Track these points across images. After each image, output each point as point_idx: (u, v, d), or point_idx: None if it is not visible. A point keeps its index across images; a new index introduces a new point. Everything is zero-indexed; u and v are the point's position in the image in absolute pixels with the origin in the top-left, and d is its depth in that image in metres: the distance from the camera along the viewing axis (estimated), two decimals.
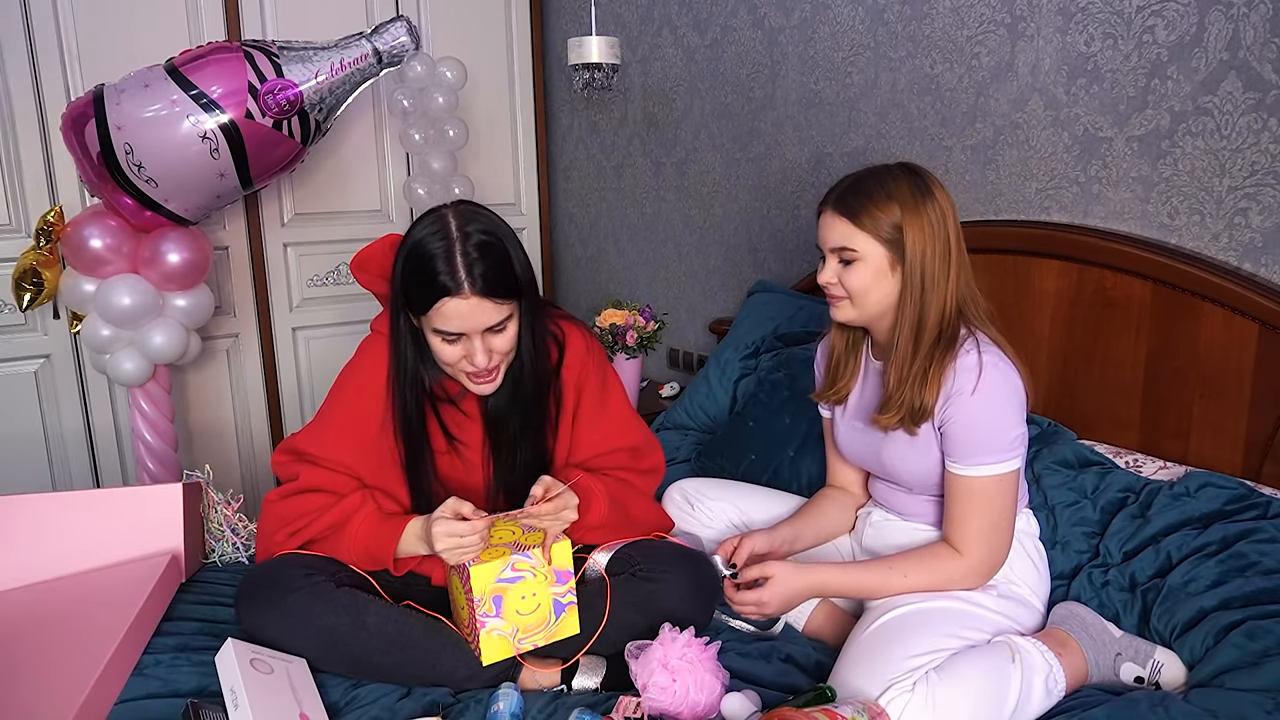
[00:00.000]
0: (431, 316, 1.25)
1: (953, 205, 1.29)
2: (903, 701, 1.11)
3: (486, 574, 1.21)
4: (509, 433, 1.41)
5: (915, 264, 1.26)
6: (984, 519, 1.27)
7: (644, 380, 2.86)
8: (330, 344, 2.91)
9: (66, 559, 1.49)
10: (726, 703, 1.19)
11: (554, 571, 1.25)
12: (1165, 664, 1.25)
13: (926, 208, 1.26)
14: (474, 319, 1.24)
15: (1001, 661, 1.17)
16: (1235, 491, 1.38)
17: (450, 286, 1.22)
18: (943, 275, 1.27)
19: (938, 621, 1.23)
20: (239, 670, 1.12)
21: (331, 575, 1.31)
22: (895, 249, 1.27)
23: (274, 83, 2.08)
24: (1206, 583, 1.28)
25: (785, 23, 2.25)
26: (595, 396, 1.47)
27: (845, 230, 1.28)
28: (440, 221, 1.26)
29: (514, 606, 1.23)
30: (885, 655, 1.18)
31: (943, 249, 1.27)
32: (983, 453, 1.25)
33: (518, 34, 3.08)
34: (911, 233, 1.25)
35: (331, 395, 1.45)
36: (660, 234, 2.85)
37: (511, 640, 1.24)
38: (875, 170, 1.31)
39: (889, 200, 1.26)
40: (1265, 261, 1.44)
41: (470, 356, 1.27)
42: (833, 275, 1.32)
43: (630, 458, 1.49)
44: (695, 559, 1.40)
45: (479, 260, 1.23)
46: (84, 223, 2.16)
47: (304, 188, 2.80)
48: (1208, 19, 1.45)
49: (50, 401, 2.55)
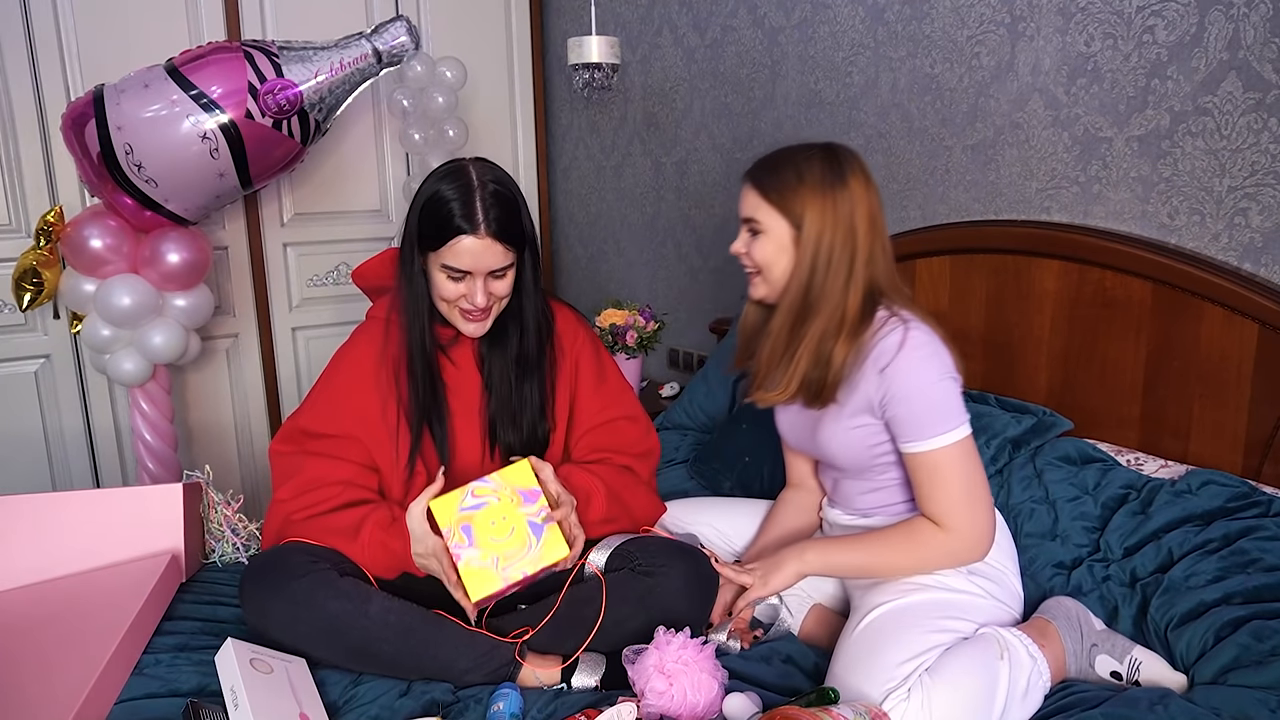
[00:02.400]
0: (443, 253, 1.34)
1: (871, 192, 1.30)
2: (900, 710, 1.12)
3: (448, 504, 1.24)
4: (505, 385, 1.46)
5: (809, 245, 1.28)
6: (955, 488, 1.26)
7: (644, 380, 2.86)
8: (330, 344, 2.89)
9: (66, 559, 1.48)
10: (728, 704, 1.19)
11: (517, 492, 1.25)
12: (1144, 662, 1.25)
13: (834, 192, 1.28)
14: (483, 259, 1.33)
15: (990, 659, 1.18)
16: (1237, 489, 1.38)
17: (466, 227, 1.32)
18: (843, 261, 1.28)
19: (922, 616, 1.24)
20: (239, 670, 1.12)
21: (335, 564, 1.33)
22: (799, 227, 1.29)
23: (274, 83, 2.08)
24: (1207, 578, 1.28)
25: (785, 23, 2.25)
26: (592, 369, 1.54)
27: (754, 201, 1.33)
28: (460, 170, 1.37)
29: (486, 534, 1.24)
30: (878, 660, 1.19)
31: (845, 235, 1.28)
32: (931, 423, 1.25)
33: (518, 34, 3.08)
34: (811, 214, 1.28)
35: (327, 374, 1.50)
36: (660, 234, 2.85)
37: (495, 570, 1.23)
38: (795, 148, 1.34)
39: (797, 180, 1.29)
40: (1265, 261, 1.44)
41: (470, 295, 1.36)
42: (742, 245, 1.36)
43: (631, 427, 1.54)
44: (693, 554, 1.40)
45: (494, 206, 1.33)
46: (84, 223, 2.17)
47: (304, 188, 2.80)
48: (1208, 19, 1.45)
49: (50, 401, 2.55)
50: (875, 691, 1.15)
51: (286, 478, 1.43)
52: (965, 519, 1.27)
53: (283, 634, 1.27)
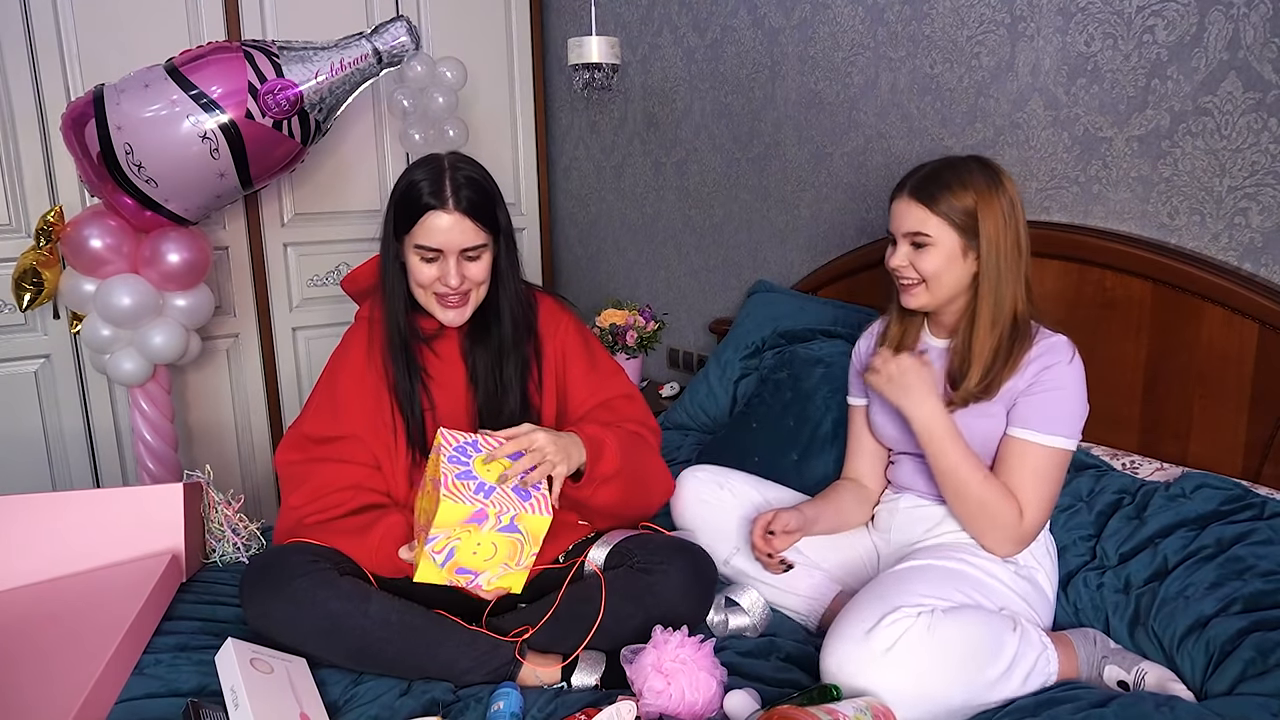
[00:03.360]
0: (415, 232, 1.37)
1: (1020, 198, 1.35)
2: (905, 624, 1.15)
3: (428, 570, 1.20)
4: (491, 379, 1.47)
5: (991, 251, 1.32)
6: (1045, 489, 1.32)
7: (644, 380, 2.86)
8: (330, 344, 2.87)
9: (66, 559, 1.49)
10: (729, 701, 1.19)
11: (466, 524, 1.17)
12: (1149, 673, 1.25)
13: (999, 197, 1.33)
14: (453, 235, 1.35)
15: (1004, 626, 1.21)
16: (1231, 492, 1.38)
17: (434, 204, 1.35)
18: (1014, 263, 1.33)
19: (953, 578, 1.29)
20: (239, 670, 1.12)
21: (335, 564, 1.33)
22: (967, 235, 1.33)
23: (274, 83, 2.08)
24: (1204, 587, 1.28)
25: (785, 23, 2.25)
26: (581, 354, 1.55)
27: (920, 215, 1.34)
28: (433, 158, 1.41)
29: (479, 563, 1.21)
30: (897, 590, 1.23)
31: (1014, 238, 1.33)
32: (1062, 421, 1.31)
33: (518, 34, 3.08)
34: (987, 220, 1.32)
35: (325, 379, 1.51)
36: (660, 234, 2.85)
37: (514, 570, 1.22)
38: (950, 160, 1.37)
39: (964, 188, 1.32)
40: (1265, 261, 1.44)
41: (444, 277, 1.37)
42: (904, 259, 1.37)
43: (629, 405, 1.54)
44: (693, 551, 1.41)
45: (465, 186, 1.36)
46: (84, 223, 2.17)
47: (304, 188, 2.80)
48: (1208, 19, 1.45)
49: (50, 401, 2.55)
50: (885, 607, 1.18)
51: (296, 486, 1.44)
52: (1034, 517, 1.32)
53: (283, 633, 1.27)
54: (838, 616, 1.24)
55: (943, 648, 1.14)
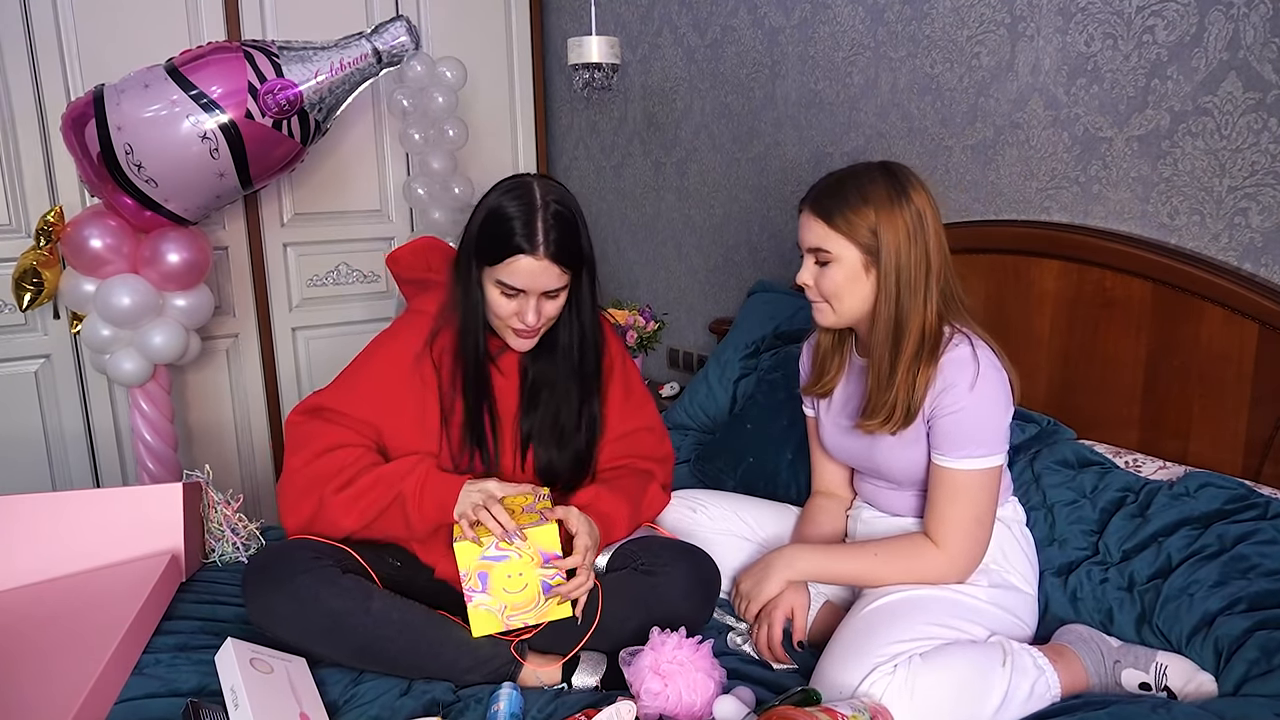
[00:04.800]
0: (500, 270, 1.33)
1: (933, 205, 1.29)
2: (884, 684, 1.12)
3: (471, 550, 1.24)
4: (551, 403, 1.46)
5: (890, 267, 1.25)
6: (966, 512, 1.27)
7: (644, 380, 2.86)
8: (330, 344, 2.91)
9: (66, 559, 1.48)
10: (718, 705, 1.17)
11: (540, 553, 1.26)
12: (1170, 665, 1.23)
13: (902, 210, 1.25)
14: (539, 279, 1.33)
15: (991, 661, 1.17)
16: (1235, 491, 1.38)
17: (525, 247, 1.31)
18: (920, 278, 1.26)
19: (927, 608, 1.24)
20: (239, 669, 1.12)
21: (337, 562, 1.33)
22: (870, 252, 1.26)
23: (274, 83, 2.08)
24: (1208, 585, 1.28)
25: (785, 23, 2.25)
26: (621, 381, 1.55)
27: (820, 231, 1.28)
28: (524, 187, 1.36)
29: (501, 584, 1.25)
30: (871, 641, 1.19)
31: (920, 252, 1.26)
32: (970, 445, 1.26)
33: (518, 34, 3.08)
34: (886, 236, 1.25)
35: (362, 359, 1.49)
36: (660, 234, 2.85)
37: (499, 616, 1.26)
38: (854, 170, 1.30)
39: (864, 204, 1.25)
40: (1265, 261, 1.44)
41: (522, 314, 1.36)
42: (809, 276, 1.32)
43: (649, 437, 1.57)
44: (695, 554, 1.41)
45: (555, 227, 1.33)
46: (84, 223, 2.17)
47: (304, 188, 2.80)
48: (1208, 19, 1.45)
49: (50, 401, 2.55)
50: (862, 669, 1.14)
51: (301, 445, 1.41)
52: (961, 543, 1.28)
53: (284, 630, 1.27)
54: (818, 668, 1.22)
55: (925, 699, 1.11)
